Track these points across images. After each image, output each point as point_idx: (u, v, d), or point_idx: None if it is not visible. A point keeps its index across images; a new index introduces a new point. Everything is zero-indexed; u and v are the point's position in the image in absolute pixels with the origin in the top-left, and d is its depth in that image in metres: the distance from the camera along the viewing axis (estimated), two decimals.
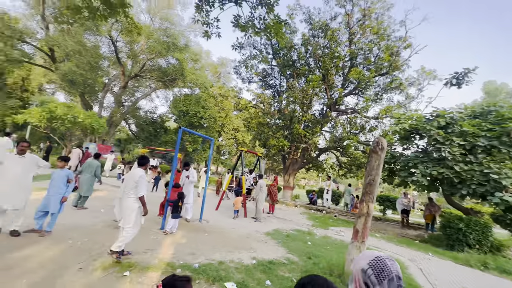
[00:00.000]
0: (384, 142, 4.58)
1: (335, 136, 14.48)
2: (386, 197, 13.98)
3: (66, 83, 18.42)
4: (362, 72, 13.06)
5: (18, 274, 2.91)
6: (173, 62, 23.53)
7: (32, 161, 4.29)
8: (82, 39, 19.56)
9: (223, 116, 28.46)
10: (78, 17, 5.36)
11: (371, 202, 4.33)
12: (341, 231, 8.54)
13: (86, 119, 14.50)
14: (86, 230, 4.85)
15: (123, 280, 3.12)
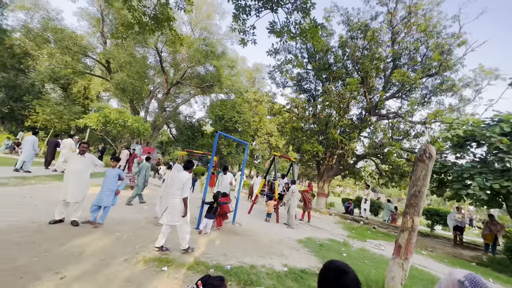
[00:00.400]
0: (433, 150, 4.15)
1: (375, 142, 13.54)
2: (435, 210, 12.56)
3: (119, 91, 20.57)
4: (406, 74, 12.07)
5: (75, 260, 3.30)
6: (210, 69, 24.72)
7: (90, 160, 4.85)
8: (132, 51, 21.74)
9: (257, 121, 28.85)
10: (130, 32, 5.98)
11: (416, 215, 3.94)
12: (380, 244, 7.91)
13: (134, 123, 15.96)
14: (131, 225, 5.30)
15: (161, 275, 3.33)
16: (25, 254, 3.18)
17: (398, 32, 13.65)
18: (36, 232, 3.93)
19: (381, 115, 15.13)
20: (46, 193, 6.44)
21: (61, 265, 3.08)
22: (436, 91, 12.76)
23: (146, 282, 3.07)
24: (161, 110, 25.93)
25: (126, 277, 3.11)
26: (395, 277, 3.78)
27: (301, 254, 5.50)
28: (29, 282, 2.62)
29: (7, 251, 3.19)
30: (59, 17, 19.88)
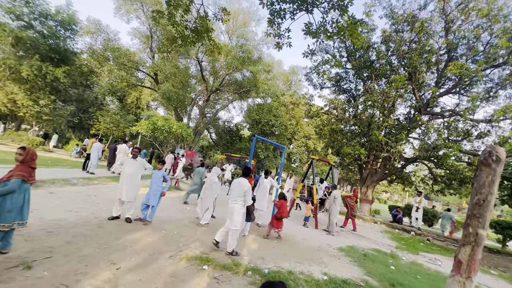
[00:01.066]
0: (501, 152, 3.54)
1: (427, 143, 12.13)
2: (507, 223, 10.67)
3: (165, 100, 22.42)
4: (465, 66, 10.60)
5: (129, 253, 3.66)
6: (247, 75, 25.34)
7: (141, 164, 5.34)
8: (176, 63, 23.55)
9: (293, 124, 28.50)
10: (174, 45, 6.50)
11: (481, 228, 3.39)
12: (437, 259, 7.03)
13: (178, 129, 17.18)
14: (176, 224, 5.68)
15: (202, 273, 3.48)
16: (90, 245, 3.65)
17: (453, 20, 12.15)
18: (98, 226, 4.49)
19: (434, 114, 13.56)
20: (106, 192, 7.32)
21: (117, 257, 3.45)
22: (505, 83, 10.91)
23: (189, 279, 3.24)
24: (202, 116, 27.42)
25: (171, 272, 3.33)
26: None
27: (342, 263, 5.21)
28: (92, 270, 3.00)
29: (77, 241, 3.70)
30: (117, 38, 22.70)
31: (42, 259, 3.00)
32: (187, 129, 18.56)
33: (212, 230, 5.70)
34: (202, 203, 6.17)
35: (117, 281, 2.87)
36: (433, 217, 13.60)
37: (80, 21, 19.57)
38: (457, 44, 11.88)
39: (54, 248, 3.33)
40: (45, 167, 9.30)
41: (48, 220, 4.28)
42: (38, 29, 16.86)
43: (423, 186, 15.16)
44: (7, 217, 2.84)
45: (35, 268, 2.79)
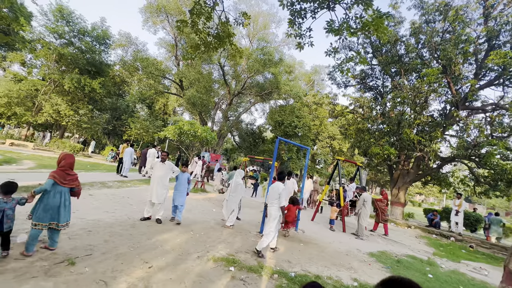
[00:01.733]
0: None
1: (467, 141, 11.11)
2: None
3: (190, 105, 23.27)
4: (509, 54, 9.56)
5: (159, 253, 3.83)
6: (269, 77, 25.38)
7: (169, 167, 5.56)
8: (200, 69, 24.37)
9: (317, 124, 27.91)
10: (197, 52, 6.73)
11: None
12: (482, 268, 6.38)
13: (203, 133, 17.70)
14: (202, 225, 5.83)
15: (228, 274, 3.52)
16: (125, 244, 3.88)
17: (493, 5, 11.05)
18: (131, 227, 4.76)
19: (474, 108, 12.41)
20: (138, 194, 7.75)
21: (149, 256, 3.63)
22: None
23: (216, 279, 3.30)
24: (225, 120, 27.97)
25: (199, 272, 3.42)
26: None
27: (373, 269, 4.94)
28: (127, 268, 3.18)
29: (113, 240, 3.96)
30: (145, 48, 24.14)
31: (84, 256, 3.26)
32: (211, 132, 19.05)
33: (237, 232, 5.77)
34: (227, 205, 6.27)
35: (150, 279, 3.02)
36: (476, 222, 12.40)
37: (112, 35, 21.15)
38: (499, 31, 10.78)
39: (93, 246, 3.60)
40: (85, 171, 10.12)
41: (88, 220, 4.64)
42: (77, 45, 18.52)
43: (463, 188, 13.93)
44: (44, 217, 3.08)
45: (78, 264, 3.04)
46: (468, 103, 12.10)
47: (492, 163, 10.60)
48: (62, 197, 3.23)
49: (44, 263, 2.93)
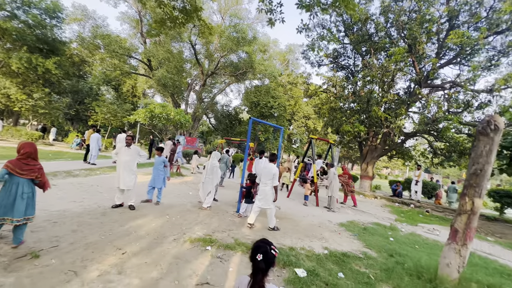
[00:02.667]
0: (499, 121, 3.52)
1: (427, 117, 12.02)
2: (505, 192, 10.86)
3: (160, 87, 22.05)
4: (466, 34, 10.20)
5: (133, 239, 3.77)
6: (243, 56, 24.66)
7: (135, 151, 5.35)
8: (169, 48, 22.86)
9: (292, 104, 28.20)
10: (163, 28, 6.24)
11: (477, 197, 3.45)
12: (435, 229, 7.23)
13: (176, 116, 17.05)
14: (178, 208, 5.80)
15: (205, 253, 3.60)
16: (95, 233, 3.75)
17: None
18: (102, 215, 4.59)
19: (435, 86, 13.31)
20: (108, 181, 7.40)
21: (122, 243, 3.56)
22: (508, 50, 10.57)
23: (192, 259, 3.36)
24: (200, 101, 27.10)
25: (175, 254, 3.44)
26: (451, 264, 3.43)
27: (343, 237, 5.36)
28: (98, 256, 3.10)
29: (82, 229, 3.80)
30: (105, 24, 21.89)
31: (49, 248, 3.10)
32: (185, 115, 18.42)
33: (214, 213, 5.84)
34: (204, 187, 6.26)
35: (123, 264, 2.98)
36: (432, 190, 13.82)
37: (65, 8, 18.76)
38: (458, 11, 11.37)
39: (60, 238, 3.43)
40: (46, 160, 9.35)
41: (52, 211, 4.37)
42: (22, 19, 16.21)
43: (423, 160, 15.26)
44: None
45: (43, 257, 2.88)
46: (430, 81, 12.91)
47: (447, 137, 11.69)
48: (20, 189, 2.96)
49: (3, 258, 2.74)
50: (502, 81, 10.10)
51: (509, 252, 5.98)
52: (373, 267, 3.93)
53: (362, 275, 3.56)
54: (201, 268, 3.16)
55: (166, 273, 2.92)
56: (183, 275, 2.93)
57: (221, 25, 23.33)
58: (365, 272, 3.67)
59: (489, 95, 10.99)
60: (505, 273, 4.31)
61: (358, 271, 3.66)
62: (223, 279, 2.99)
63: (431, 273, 3.59)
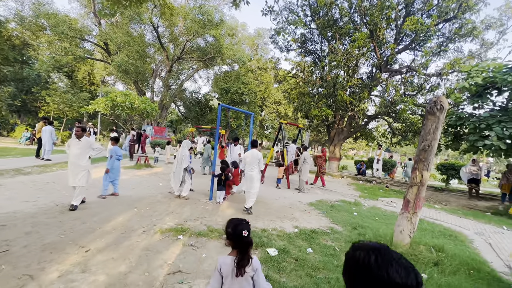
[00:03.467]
0: (444, 101, 3.90)
1: (386, 100, 12.91)
2: (451, 165, 12.32)
3: (121, 73, 20.39)
4: (420, 21, 10.93)
5: (98, 235, 3.57)
6: (210, 40, 23.68)
7: (87, 144, 4.70)
8: (129, 30, 21.00)
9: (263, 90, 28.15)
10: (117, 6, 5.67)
11: (425, 170, 3.86)
12: (392, 201, 8.00)
13: (141, 104, 16.02)
14: (148, 200, 5.60)
15: (177, 243, 3.56)
16: (53, 233, 3.48)
17: None
18: (60, 213, 4.25)
19: (393, 71, 14.21)
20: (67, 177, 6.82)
21: (85, 240, 3.36)
22: (454, 37, 11.60)
23: (163, 250, 3.30)
24: (166, 89, 25.74)
25: (144, 246, 3.35)
26: (403, 231, 3.85)
27: (312, 216, 5.68)
28: (58, 256, 2.90)
29: (38, 230, 3.49)
30: (49, 1, 19.18)
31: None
32: (151, 103, 17.40)
33: (186, 202, 5.75)
34: (175, 177, 6.10)
35: (87, 262, 2.83)
36: (391, 167, 15.13)
37: None
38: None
39: (11, 241, 3.12)
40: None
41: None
42: None
43: (383, 140, 16.49)
44: None
45: None
46: (389, 66, 13.72)
47: (404, 118, 12.74)
48: None
49: None
50: (449, 66, 11.13)
51: (452, 216, 6.88)
52: (339, 240, 4.26)
53: (329, 248, 3.84)
54: (172, 258, 3.13)
55: (135, 266, 2.85)
56: (154, 266, 2.89)
57: (185, 6, 21.93)
58: (331, 245, 3.96)
59: (438, 79, 12.07)
60: (448, 235, 4.97)
61: (325, 245, 3.94)
62: (196, 265, 3.01)
63: (387, 240, 4.00)
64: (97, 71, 28.11)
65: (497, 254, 4.26)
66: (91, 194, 5.41)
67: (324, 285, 2.78)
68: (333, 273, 3.06)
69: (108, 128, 28.84)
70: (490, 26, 11.61)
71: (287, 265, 3.16)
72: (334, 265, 3.27)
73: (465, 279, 3.10)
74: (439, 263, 3.43)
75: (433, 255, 3.62)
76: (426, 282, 3.01)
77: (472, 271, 3.32)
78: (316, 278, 2.91)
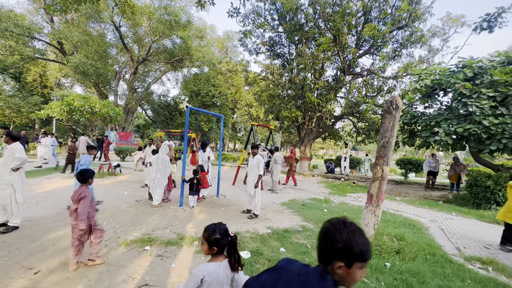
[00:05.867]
0: (399, 101, 4.23)
1: (351, 101, 13.72)
2: (408, 159, 13.46)
3: (79, 75, 18.86)
4: (377, 27, 11.84)
5: (50, 254, 3.20)
6: (178, 42, 23.04)
7: (10, 153, 3.86)
8: (86, 29, 19.54)
9: (233, 92, 28.08)
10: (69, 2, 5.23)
11: (385, 165, 4.13)
12: (359, 197, 8.46)
13: (103, 108, 14.96)
14: (111, 211, 5.19)
15: (143, 254, 3.34)
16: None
17: None
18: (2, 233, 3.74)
19: (355, 74, 15.14)
20: None
21: (35, 261, 2.99)
22: (406, 43, 12.77)
23: (128, 263, 3.07)
24: (132, 92, 24.39)
25: (107, 261, 3.09)
26: (368, 223, 4.07)
27: (284, 215, 5.75)
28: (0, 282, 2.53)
29: None
30: None
31: None
32: (114, 107, 16.33)
33: (154, 210, 5.45)
34: (156, 185, 5.78)
35: (37, 285, 2.51)
36: (357, 164, 16.07)
37: None
38: (371, 7, 13.01)
39: None
40: None
41: None
42: None
43: (349, 139, 17.45)
44: None
45: None
46: (352, 69, 14.60)
47: (366, 118, 13.63)
48: None
49: None
50: (403, 69, 12.20)
51: (411, 207, 7.48)
52: (310, 237, 4.36)
53: (301, 246, 3.91)
54: (138, 271, 2.92)
55: (95, 285, 2.60)
56: (116, 282, 2.66)
57: (149, 6, 21.06)
58: (303, 243, 4.03)
59: (394, 81, 13.15)
60: (407, 224, 5.38)
61: (297, 244, 4.00)
62: (164, 276, 2.84)
63: None
64: (51, 73, 25.62)
65: (448, 238, 4.72)
66: (44, 208, 4.87)
67: None
68: None
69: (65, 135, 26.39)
70: (435, 34, 12.97)
71: (260, 267, 3.14)
72: (306, 262, 3.33)
73: (423, 264, 3.37)
74: (400, 251, 3.69)
75: (395, 244, 3.88)
76: (389, 270, 3.21)
77: (428, 256, 3.63)
78: None
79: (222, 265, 1.52)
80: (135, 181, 8.73)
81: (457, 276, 3.13)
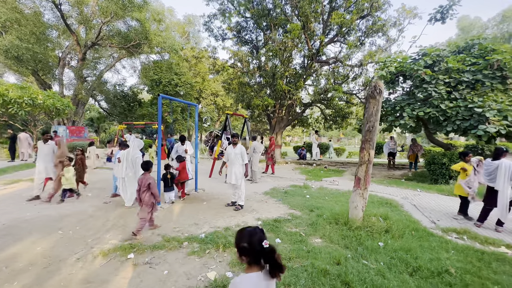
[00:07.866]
0: (382, 85, 4.32)
1: (319, 89, 14.07)
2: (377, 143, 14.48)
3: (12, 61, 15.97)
4: (344, 15, 12.15)
5: (6, 277, 2.59)
6: (133, 25, 20.82)
7: None
8: (17, 6, 16.43)
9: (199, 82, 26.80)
10: None
11: (371, 149, 4.24)
12: (334, 180, 8.82)
13: (47, 100, 12.93)
14: (76, 217, 4.50)
15: (127, 263, 2.92)
16: None
17: None
18: None
19: (323, 62, 15.49)
20: None
21: None
22: (369, 32, 13.39)
23: (111, 277, 2.64)
24: (81, 81, 21.57)
25: (84, 278, 2.61)
26: (357, 206, 4.19)
27: (270, 204, 5.67)
28: None
29: None
30: None
31: None
32: (61, 98, 14.26)
33: (128, 211, 4.89)
34: (127, 184, 5.12)
35: None
36: (326, 149, 16.82)
37: None
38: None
39: None
40: None
41: None
42: None
43: (317, 126, 18.10)
44: None
45: None
46: (319, 57, 14.89)
47: (334, 104, 14.16)
48: None
49: None
50: (367, 57, 12.81)
51: (382, 186, 8.03)
52: (301, 225, 4.33)
53: (295, 235, 3.85)
54: (125, 284, 2.53)
55: None
56: None
57: None
58: (296, 232, 3.98)
59: (359, 69, 13.79)
60: (384, 203, 5.73)
61: (291, 233, 3.93)
62: (159, 287, 2.50)
63: (344, 218, 4.28)
64: None
65: (422, 213, 5.15)
66: None
67: (302, 275, 2.72)
68: (307, 260, 3.05)
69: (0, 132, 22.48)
70: (393, 24, 13.83)
71: None
72: (305, 251, 3.27)
73: (412, 240, 3.58)
74: (388, 230, 3.87)
75: (382, 224, 4.05)
76: (383, 249, 3.33)
77: (413, 232, 3.87)
78: (293, 269, 2.83)
79: (262, 277, 1.28)
80: (97, 180, 7.78)
81: (441, 248, 3.39)
